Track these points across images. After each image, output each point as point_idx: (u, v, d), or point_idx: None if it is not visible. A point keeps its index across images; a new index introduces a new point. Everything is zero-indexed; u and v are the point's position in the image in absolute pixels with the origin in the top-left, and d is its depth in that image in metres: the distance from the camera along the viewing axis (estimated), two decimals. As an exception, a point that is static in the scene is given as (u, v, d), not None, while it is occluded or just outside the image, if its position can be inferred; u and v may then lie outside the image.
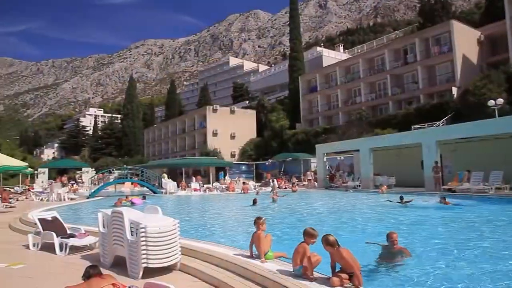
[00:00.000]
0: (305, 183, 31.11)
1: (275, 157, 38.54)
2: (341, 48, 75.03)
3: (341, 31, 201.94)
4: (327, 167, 30.09)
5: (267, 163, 40.37)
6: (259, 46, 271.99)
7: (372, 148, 24.30)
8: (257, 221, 6.03)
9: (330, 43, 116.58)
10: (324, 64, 58.07)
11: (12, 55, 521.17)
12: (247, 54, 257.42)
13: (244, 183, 29.57)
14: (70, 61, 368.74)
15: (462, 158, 20.06)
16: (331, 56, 64.02)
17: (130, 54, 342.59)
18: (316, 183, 29.49)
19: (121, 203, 17.82)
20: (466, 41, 35.98)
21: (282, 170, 37.57)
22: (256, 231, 5.95)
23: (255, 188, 28.23)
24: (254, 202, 16.09)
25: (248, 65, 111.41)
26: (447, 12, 46.71)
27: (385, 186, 21.00)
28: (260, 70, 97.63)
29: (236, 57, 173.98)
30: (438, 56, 36.78)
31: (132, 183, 32.42)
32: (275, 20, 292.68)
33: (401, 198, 14.69)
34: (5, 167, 17.19)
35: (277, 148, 45.39)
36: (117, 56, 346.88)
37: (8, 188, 28.14)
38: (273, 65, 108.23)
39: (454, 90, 33.62)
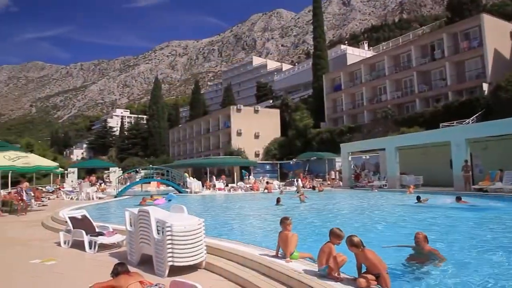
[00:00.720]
0: (329, 182, 30.83)
1: (299, 157, 38.33)
2: (366, 45, 73.91)
3: (366, 28, 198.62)
4: (352, 166, 29.70)
5: (291, 163, 40.20)
6: (282, 45, 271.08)
7: (398, 146, 23.83)
8: (284, 221, 6.01)
9: (354, 40, 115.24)
10: (349, 62, 57.34)
11: (44, 59, 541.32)
12: (271, 54, 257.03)
13: (268, 182, 29.57)
14: (98, 63, 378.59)
15: (494, 156, 19.39)
16: (356, 54, 63.14)
17: (155, 56, 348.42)
18: (341, 182, 29.17)
19: (145, 202, 18.28)
20: (497, 35, 34.70)
21: (306, 169, 37.33)
22: (283, 231, 5.94)
23: (279, 188, 28.18)
24: (278, 201, 16.04)
25: (272, 65, 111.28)
26: (477, 5, 45.10)
27: (413, 186, 20.57)
28: (283, 69, 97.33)
29: (260, 56, 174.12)
30: (467, 52, 35.62)
31: (157, 183, 32.98)
32: (298, 18, 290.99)
33: (418, 198, 14.70)
34: (38, 167, 17.78)
35: (301, 148, 45.13)
36: (143, 58, 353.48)
37: (40, 187, 29.19)
38: (296, 64, 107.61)
39: (485, 86, 32.49)
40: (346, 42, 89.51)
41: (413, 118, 35.64)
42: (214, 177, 33.57)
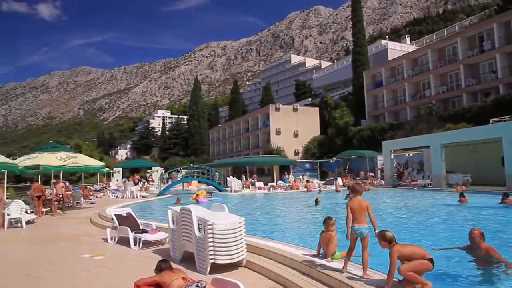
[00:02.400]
0: (369, 181, 30.05)
1: (339, 155, 37.70)
2: (408, 39, 71.39)
3: (407, 21, 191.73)
4: (394, 165, 28.82)
5: (331, 161, 39.62)
6: (320, 43, 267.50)
7: (444, 144, 22.82)
8: (328, 221, 5.94)
9: (396, 35, 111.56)
10: (390, 58, 55.63)
11: (90, 64, 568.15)
12: (309, 51, 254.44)
13: (308, 181, 29.32)
14: (140, 66, 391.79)
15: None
16: (397, 49, 61.13)
17: (195, 57, 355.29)
18: (383, 181, 28.39)
19: (179, 201, 18.80)
20: (553, 24, 32.37)
21: (347, 168, 36.64)
22: (325, 231, 5.87)
23: (319, 187, 27.89)
24: (316, 202, 15.76)
25: (310, 62, 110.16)
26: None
27: (461, 185, 19.66)
28: (322, 67, 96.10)
29: (298, 54, 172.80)
30: (521, 42, 33.46)
31: (197, 181, 33.62)
32: (336, 15, 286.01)
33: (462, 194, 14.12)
34: (86, 167, 18.59)
35: (341, 146, 44.36)
36: (183, 60, 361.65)
37: (88, 186, 30.65)
38: (335, 61, 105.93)
39: (540, 78, 30.43)
40: (387, 37, 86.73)
41: (460, 113, 33.97)
42: (243, 176, 33.62)
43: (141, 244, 7.93)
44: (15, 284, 5.70)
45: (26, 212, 12.90)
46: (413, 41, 72.04)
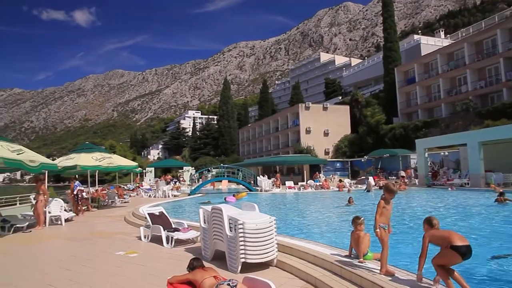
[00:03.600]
0: (401, 181, 29.23)
1: (371, 154, 36.99)
2: (442, 33, 68.96)
3: (442, 14, 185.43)
4: (429, 164, 27.96)
5: (362, 160, 38.95)
6: (350, 40, 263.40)
7: (482, 141, 21.89)
8: (356, 221, 5.85)
9: (429, 29, 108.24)
10: (423, 53, 53.95)
11: (123, 67, 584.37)
12: (338, 49, 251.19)
13: (340, 180, 28.92)
14: (170, 68, 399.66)
15: None
16: (430, 44, 59.19)
17: (224, 58, 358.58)
18: (417, 180, 27.59)
19: (209, 202, 19.02)
20: None
21: (379, 167, 35.90)
22: (354, 231, 5.79)
23: (350, 186, 27.47)
24: (349, 201, 15.51)
25: (340, 60, 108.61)
26: None
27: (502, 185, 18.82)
28: (352, 64, 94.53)
29: (327, 52, 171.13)
30: None
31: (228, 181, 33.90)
32: (366, 10, 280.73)
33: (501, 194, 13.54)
34: (120, 166, 19.09)
35: (372, 144, 43.52)
36: (212, 60, 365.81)
37: (122, 185, 31.55)
38: (366, 58, 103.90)
39: None
40: (420, 31, 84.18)
41: (500, 109, 32.50)
42: (266, 176, 33.32)
43: (173, 242, 8.07)
44: (56, 278, 5.95)
45: (65, 210, 13.44)
46: (448, 35, 69.51)
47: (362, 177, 31.70)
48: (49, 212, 12.44)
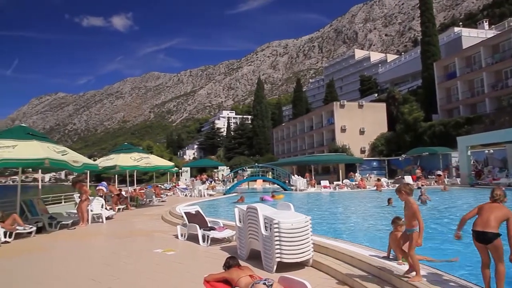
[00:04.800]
0: (440, 180, 28.11)
1: (409, 152, 35.88)
2: (486, 24, 65.77)
3: (485, 4, 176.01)
4: (472, 162, 26.75)
5: (400, 159, 37.86)
6: (386, 35, 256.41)
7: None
8: (396, 221, 5.68)
9: (471, 21, 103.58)
10: (464, 46, 51.64)
11: (159, 70, 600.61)
12: (374, 45, 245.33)
13: (378, 179, 28.26)
14: (204, 69, 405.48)
15: None
16: (473, 36, 56.59)
17: (257, 57, 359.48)
18: (458, 180, 26.49)
19: (243, 200, 19.10)
20: None
21: (418, 166, 34.74)
22: (394, 231, 5.62)
23: (387, 185, 26.80)
24: (389, 202, 14.90)
25: (375, 56, 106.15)
26: None
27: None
28: (388, 60, 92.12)
29: (362, 49, 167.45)
30: None
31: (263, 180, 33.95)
32: (402, 4, 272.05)
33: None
34: (157, 166, 19.58)
35: (410, 142, 42.20)
36: (245, 60, 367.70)
37: (159, 185, 32.36)
38: (403, 53, 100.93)
39: None
40: (461, 23, 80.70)
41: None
42: (295, 175, 32.91)
43: (209, 241, 8.17)
44: (99, 273, 6.19)
45: (105, 208, 13.96)
46: (493, 26, 66.19)
47: (399, 176, 30.79)
48: (91, 210, 12.97)
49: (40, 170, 14.79)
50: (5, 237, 9.31)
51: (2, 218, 9.77)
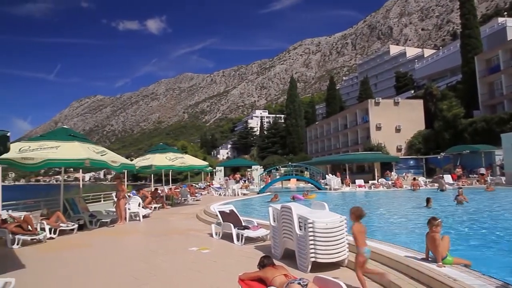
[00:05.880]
0: (481, 180, 26.82)
1: (449, 150, 34.54)
2: (532, 15, 62.23)
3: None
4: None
5: (439, 157, 36.53)
6: (422, 29, 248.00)
7: None
8: (432, 221, 5.47)
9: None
10: (509, 37, 49.09)
11: (192, 70, 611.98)
12: (409, 40, 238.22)
13: (415, 178, 27.43)
14: (237, 69, 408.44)
15: None
16: (518, 26, 53.67)
17: (289, 56, 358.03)
18: (503, 179, 25.20)
19: (277, 198, 19.03)
20: None
21: (458, 164, 33.39)
22: (430, 233, 5.41)
23: (425, 185, 25.96)
24: (428, 201, 14.25)
25: (411, 52, 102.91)
26: None
27: None
28: (425, 56, 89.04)
29: (397, 44, 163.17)
30: None
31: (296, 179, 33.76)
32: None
33: None
34: (192, 166, 19.90)
35: (450, 140, 40.65)
36: (278, 59, 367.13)
37: (194, 184, 32.88)
38: (440, 48, 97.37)
39: None
40: (505, 13, 76.71)
41: None
42: (330, 174, 32.38)
43: (243, 240, 8.21)
44: (137, 270, 6.37)
45: (142, 207, 14.35)
46: (539, 17, 62.58)
47: (439, 175, 29.67)
48: (129, 209, 13.37)
49: (81, 170, 15.40)
50: (50, 233, 9.78)
51: (47, 215, 10.28)
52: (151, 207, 16.03)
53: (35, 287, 5.38)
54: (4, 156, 5.87)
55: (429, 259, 5.40)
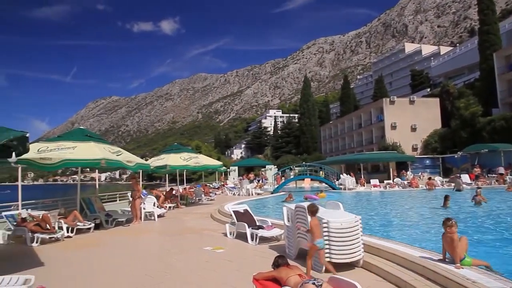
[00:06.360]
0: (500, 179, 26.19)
1: (466, 149, 33.89)
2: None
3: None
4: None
5: (456, 156, 35.88)
6: (438, 26, 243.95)
7: None
8: (446, 222, 5.37)
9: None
10: (529, 33, 47.85)
11: (206, 71, 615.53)
12: (425, 37, 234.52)
13: (430, 178, 27.03)
14: (250, 69, 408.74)
15: None
16: (538, 22, 52.35)
17: (303, 55, 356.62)
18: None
19: (291, 198, 19.00)
20: None
21: (476, 164, 32.73)
22: (446, 233, 5.32)
23: (442, 184, 25.55)
24: (446, 199, 14.00)
25: (427, 49, 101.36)
26: None
27: None
28: (441, 53, 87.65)
29: (412, 42, 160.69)
30: None
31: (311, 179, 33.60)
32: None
33: None
34: (206, 166, 19.99)
35: (467, 139, 39.85)
36: (291, 59, 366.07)
37: (208, 184, 33.04)
38: (457, 45, 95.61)
39: None
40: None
41: None
42: (344, 174, 32.08)
43: (257, 239, 8.22)
44: (152, 268, 6.44)
45: (157, 206, 14.49)
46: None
47: (456, 175, 29.13)
48: (144, 209, 13.51)
49: (97, 170, 15.64)
50: (67, 232, 9.97)
51: (65, 214, 10.47)
52: (166, 206, 16.17)
53: (54, 284, 5.48)
54: (24, 156, 6.01)
55: (446, 260, 5.31)
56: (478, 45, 50.12)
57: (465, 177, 27.17)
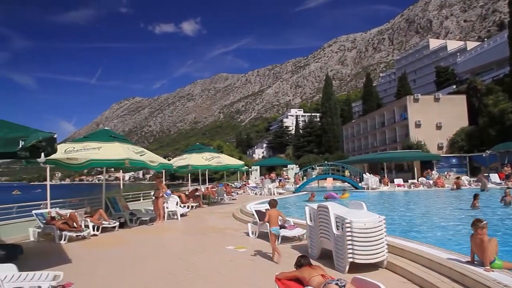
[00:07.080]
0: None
1: (495, 148, 32.84)
2: None
3: None
4: None
5: (484, 155, 34.80)
6: (465, 21, 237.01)
7: None
8: (476, 223, 5.18)
9: None
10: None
11: (227, 71, 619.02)
12: (450, 33, 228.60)
13: (458, 177, 26.32)
14: (271, 68, 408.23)
15: None
16: None
17: (324, 54, 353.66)
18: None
19: (313, 197, 18.93)
20: None
21: (506, 163, 31.63)
22: (475, 235, 5.15)
23: (470, 184, 24.84)
24: (475, 198, 13.46)
25: (453, 45, 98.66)
26: None
27: None
28: (468, 48, 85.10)
29: (437, 38, 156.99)
30: None
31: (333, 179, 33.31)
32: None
33: None
34: (228, 166, 20.13)
35: (496, 137, 38.60)
36: (312, 57, 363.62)
37: (230, 183, 33.20)
38: (485, 39, 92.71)
39: None
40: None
41: None
42: (367, 173, 31.55)
43: (280, 239, 8.20)
44: (175, 267, 6.53)
45: (180, 206, 14.66)
46: None
47: (483, 174, 28.25)
48: (167, 208, 13.69)
49: (121, 170, 15.95)
50: (93, 230, 10.21)
51: (91, 213, 10.73)
52: (189, 205, 16.34)
53: (81, 281, 5.62)
54: (52, 156, 6.21)
55: (475, 262, 5.15)
56: (508, 39, 48.25)
57: (495, 177, 26.36)
